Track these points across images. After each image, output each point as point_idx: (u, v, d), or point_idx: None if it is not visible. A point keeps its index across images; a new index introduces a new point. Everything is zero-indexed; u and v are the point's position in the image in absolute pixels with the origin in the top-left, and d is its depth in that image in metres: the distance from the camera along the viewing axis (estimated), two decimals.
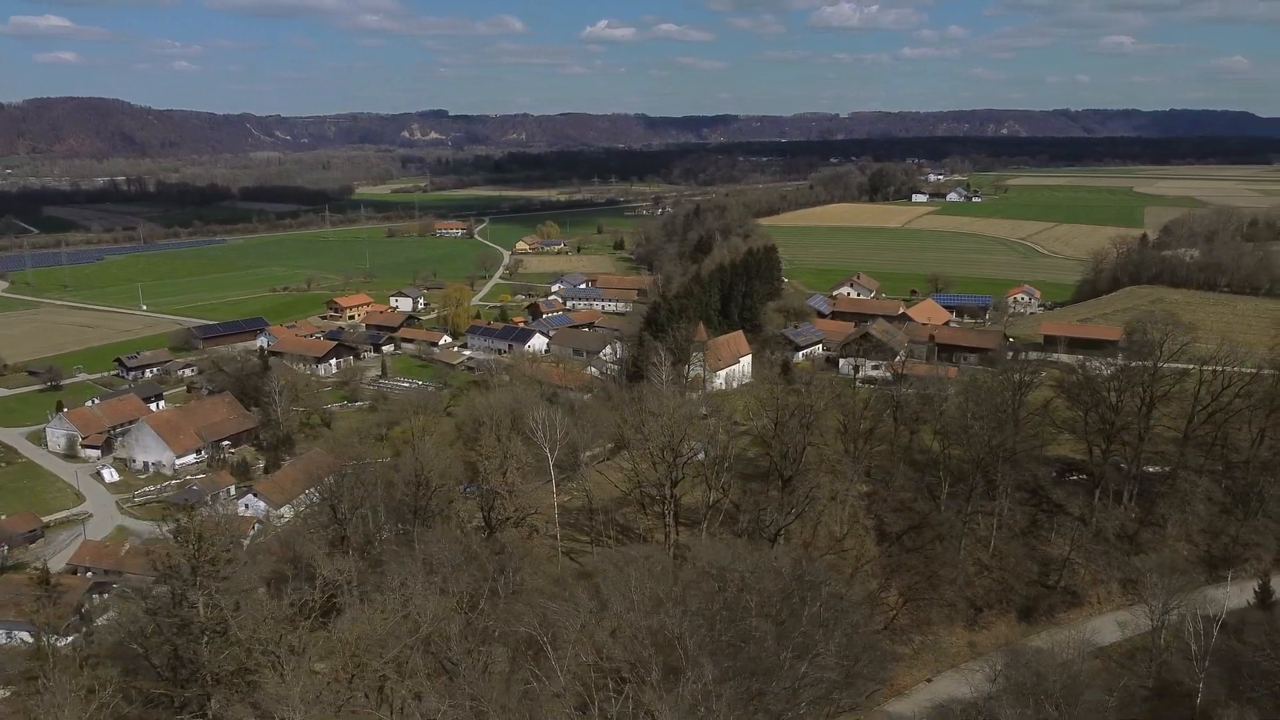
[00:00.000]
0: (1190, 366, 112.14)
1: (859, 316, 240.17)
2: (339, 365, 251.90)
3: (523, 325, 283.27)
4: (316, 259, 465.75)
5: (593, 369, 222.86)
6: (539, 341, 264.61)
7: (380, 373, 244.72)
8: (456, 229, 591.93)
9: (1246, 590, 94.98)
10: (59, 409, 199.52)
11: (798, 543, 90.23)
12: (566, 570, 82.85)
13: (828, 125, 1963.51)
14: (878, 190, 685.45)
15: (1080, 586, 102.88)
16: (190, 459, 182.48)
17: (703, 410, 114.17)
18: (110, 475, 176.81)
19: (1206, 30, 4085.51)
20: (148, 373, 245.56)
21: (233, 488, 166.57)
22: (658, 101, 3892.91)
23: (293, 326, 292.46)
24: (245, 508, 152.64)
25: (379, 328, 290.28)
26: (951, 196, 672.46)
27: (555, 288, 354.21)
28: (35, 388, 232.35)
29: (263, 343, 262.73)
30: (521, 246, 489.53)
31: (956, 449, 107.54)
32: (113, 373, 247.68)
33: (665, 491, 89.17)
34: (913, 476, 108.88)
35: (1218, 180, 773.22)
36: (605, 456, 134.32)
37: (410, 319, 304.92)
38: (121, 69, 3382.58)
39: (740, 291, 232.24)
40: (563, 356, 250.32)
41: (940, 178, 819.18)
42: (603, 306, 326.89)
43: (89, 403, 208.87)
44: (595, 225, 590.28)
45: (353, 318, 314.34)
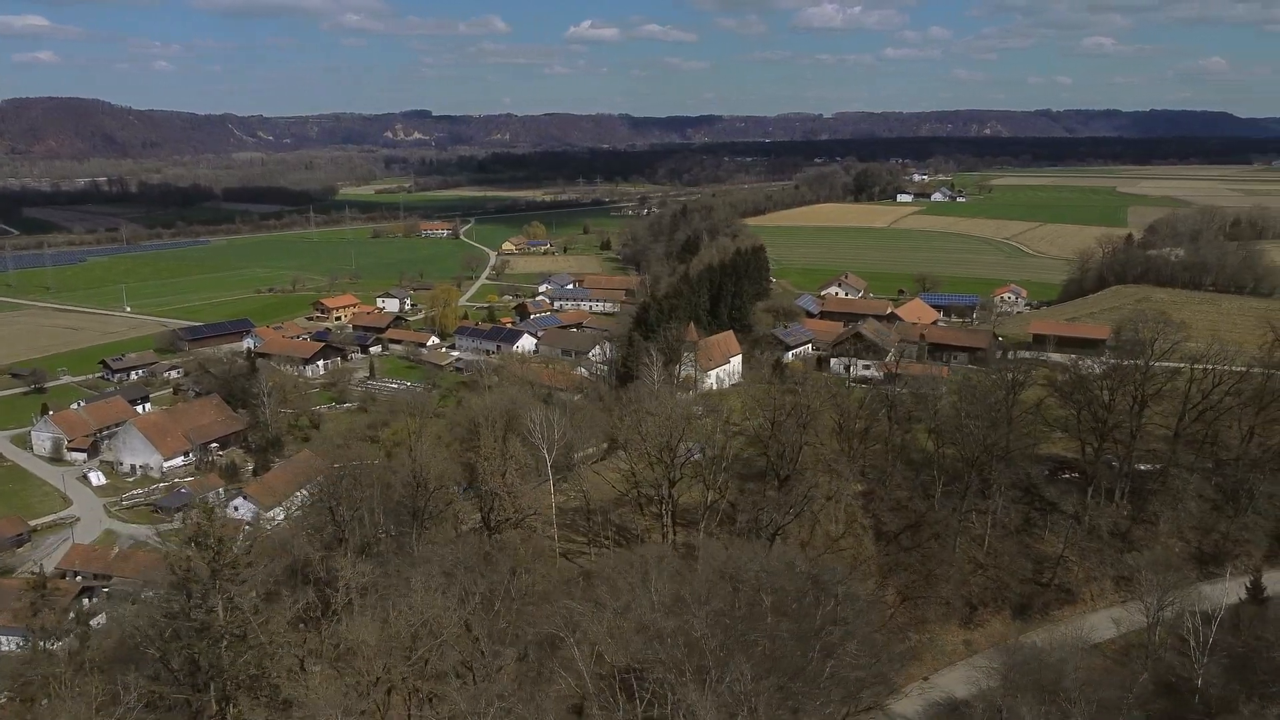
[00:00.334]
0: (1182, 365, 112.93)
1: (847, 316, 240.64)
2: (326, 367, 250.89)
3: (511, 326, 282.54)
4: (301, 260, 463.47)
5: (583, 370, 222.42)
6: (527, 342, 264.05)
7: (368, 374, 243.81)
8: (442, 230, 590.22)
9: (1238, 586, 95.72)
10: (44, 412, 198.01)
11: (794, 542, 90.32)
12: (576, 571, 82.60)
13: (812, 125, 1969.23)
14: (863, 190, 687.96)
15: (1074, 584, 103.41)
16: (178, 461, 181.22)
17: (697, 410, 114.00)
18: (97, 479, 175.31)
19: (1186, 31, 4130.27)
20: (133, 375, 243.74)
21: (222, 490, 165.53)
22: (642, 102, 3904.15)
23: (279, 328, 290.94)
24: (235, 510, 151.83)
25: (366, 329, 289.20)
26: (936, 196, 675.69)
27: (542, 288, 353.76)
28: (19, 390, 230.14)
29: (249, 344, 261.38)
30: (508, 247, 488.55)
31: (951, 448, 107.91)
32: (97, 375, 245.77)
33: (663, 492, 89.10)
34: (908, 475, 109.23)
35: (1199, 180, 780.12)
36: (598, 457, 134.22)
37: (397, 320, 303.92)
38: (101, 69, 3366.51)
39: (730, 292, 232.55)
40: (552, 357, 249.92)
41: (924, 178, 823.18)
42: (590, 307, 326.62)
43: (74, 405, 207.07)
44: (581, 225, 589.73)
45: (339, 319, 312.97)
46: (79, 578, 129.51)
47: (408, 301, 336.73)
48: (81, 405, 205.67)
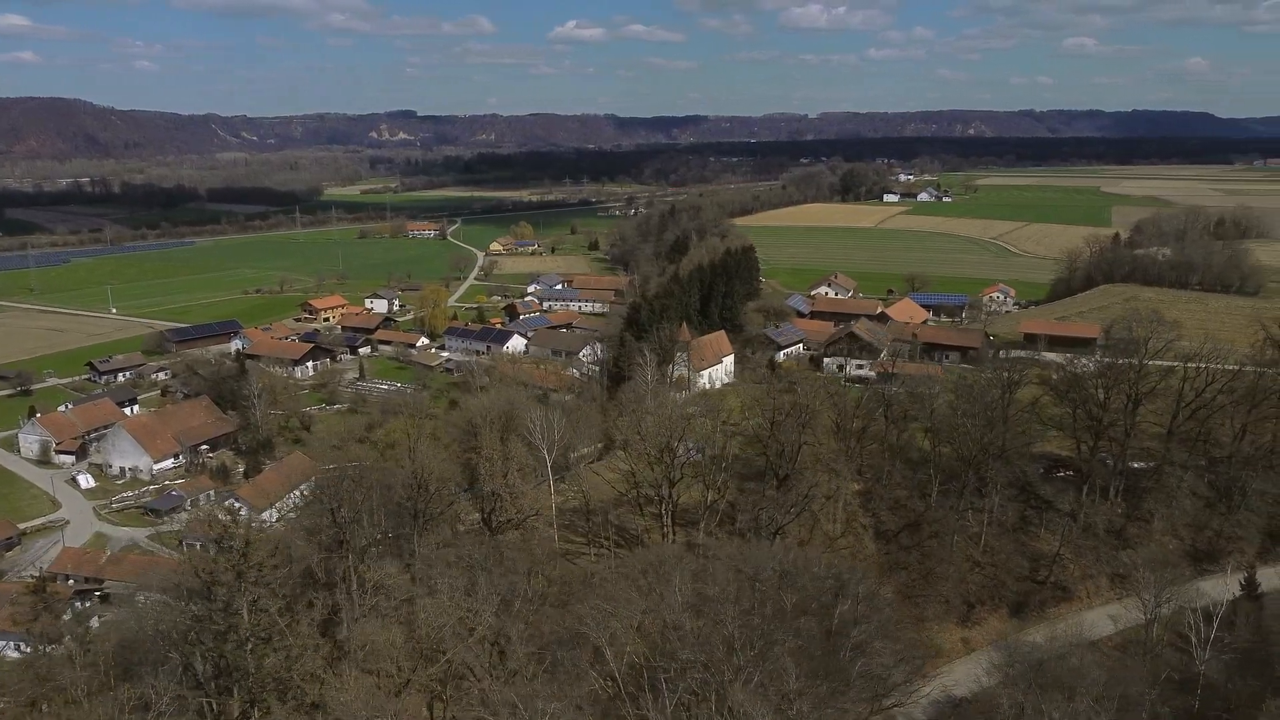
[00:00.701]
0: (1175, 364, 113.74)
1: (838, 316, 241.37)
2: (316, 368, 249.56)
3: (501, 326, 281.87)
4: (288, 261, 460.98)
5: (574, 370, 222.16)
6: (518, 343, 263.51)
7: (358, 375, 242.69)
8: (429, 230, 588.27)
9: (1234, 582, 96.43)
10: (31, 414, 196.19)
11: (793, 541, 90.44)
12: (580, 571, 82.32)
13: (797, 126, 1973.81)
14: (849, 190, 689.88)
15: (1070, 581, 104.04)
16: (168, 464, 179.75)
17: (694, 410, 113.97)
18: (86, 481, 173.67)
19: (1166, 33, 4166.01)
20: (120, 376, 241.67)
21: (213, 492, 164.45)
22: (627, 102, 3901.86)
23: (267, 329, 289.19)
24: (224, 512, 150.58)
25: (355, 330, 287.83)
26: (923, 196, 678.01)
27: (531, 288, 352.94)
28: (5, 393, 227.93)
29: (238, 345, 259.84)
30: (495, 247, 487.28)
31: (947, 447, 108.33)
32: (84, 377, 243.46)
33: (663, 492, 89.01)
34: (906, 475, 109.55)
35: (1181, 180, 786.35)
36: (594, 458, 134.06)
37: (386, 321, 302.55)
38: (83, 69, 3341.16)
39: (720, 292, 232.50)
40: (542, 358, 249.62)
41: (910, 178, 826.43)
42: (580, 307, 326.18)
43: (62, 407, 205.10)
44: (569, 226, 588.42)
45: (328, 320, 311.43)
46: (71, 581, 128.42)
47: (396, 302, 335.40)
48: (69, 407, 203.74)
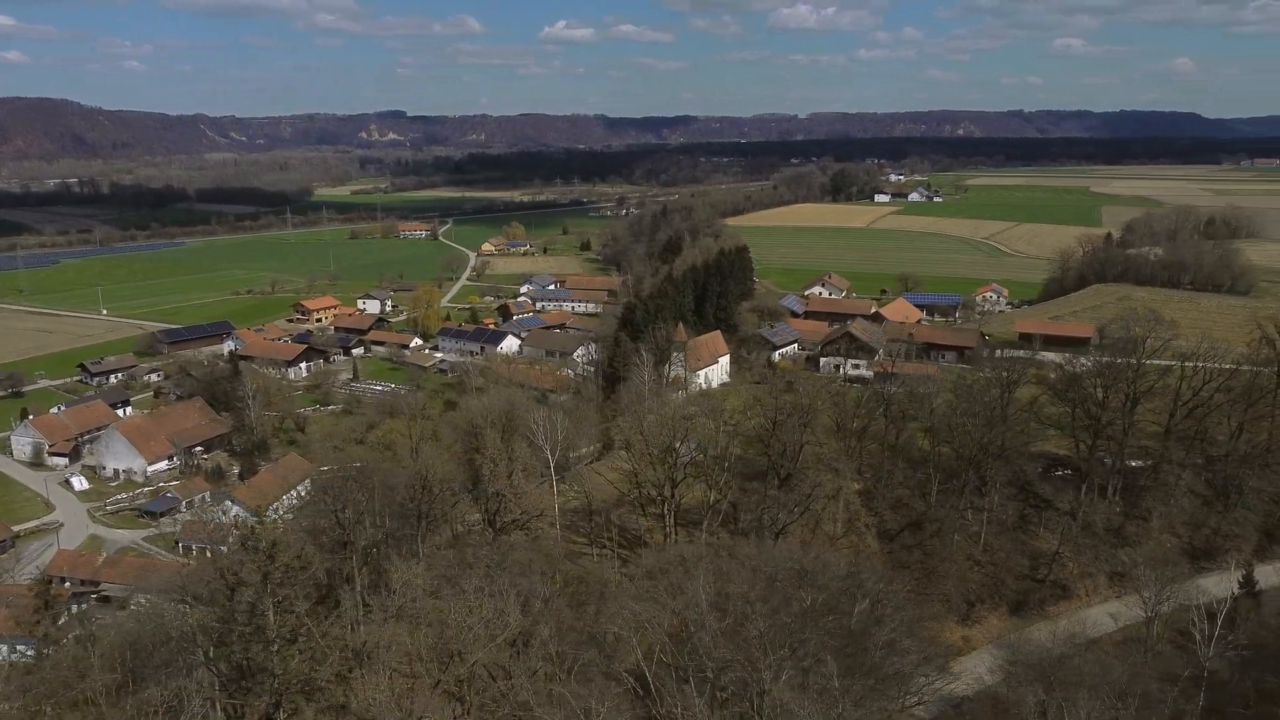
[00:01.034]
0: (1171, 363, 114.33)
1: (832, 316, 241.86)
2: (309, 369, 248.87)
3: (494, 327, 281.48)
4: (279, 261, 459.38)
5: (570, 370, 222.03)
6: (511, 343, 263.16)
7: (352, 376, 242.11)
8: (420, 230, 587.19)
9: (1231, 580, 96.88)
10: (23, 416, 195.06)
11: (795, 541, 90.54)
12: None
13: (787, 126, 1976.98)
14: (840, 190, 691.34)
15: (1069, 580, 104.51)
16: (162, 466, 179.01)
17: (693, 409, 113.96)
18: (80, 483, 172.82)
19: (1154, 33, 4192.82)
20: (112, 378, 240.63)
21: (208, 494, 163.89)
22: (617, 102, 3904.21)
23: (260, 330, 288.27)
24: (222, 514, 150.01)
25: (348, 330, 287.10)
26: (913, 196, 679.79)
27: (524, 289, 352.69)
28: None
29: (231, 346, 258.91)
30: (487, 248, 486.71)
31: (946, 447, 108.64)
32: (76, 378, 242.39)
33: (666, 492, 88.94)
34: (906, 474, 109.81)
35: (1170, 180, 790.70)
36: (592, 458, 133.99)
37: (379, 321, 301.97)
38: (71, 69, 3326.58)
39: (715, 292, 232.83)
40: (537, 358, 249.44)
41: (901, 178, 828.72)
42: (573, 307, 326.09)
43: (54, 409, 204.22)
44: (560, 226, 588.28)
45: (320, 320, 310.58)
46: (67, 584, 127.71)
47: (389, 303, 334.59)
48: (62, 409, 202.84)
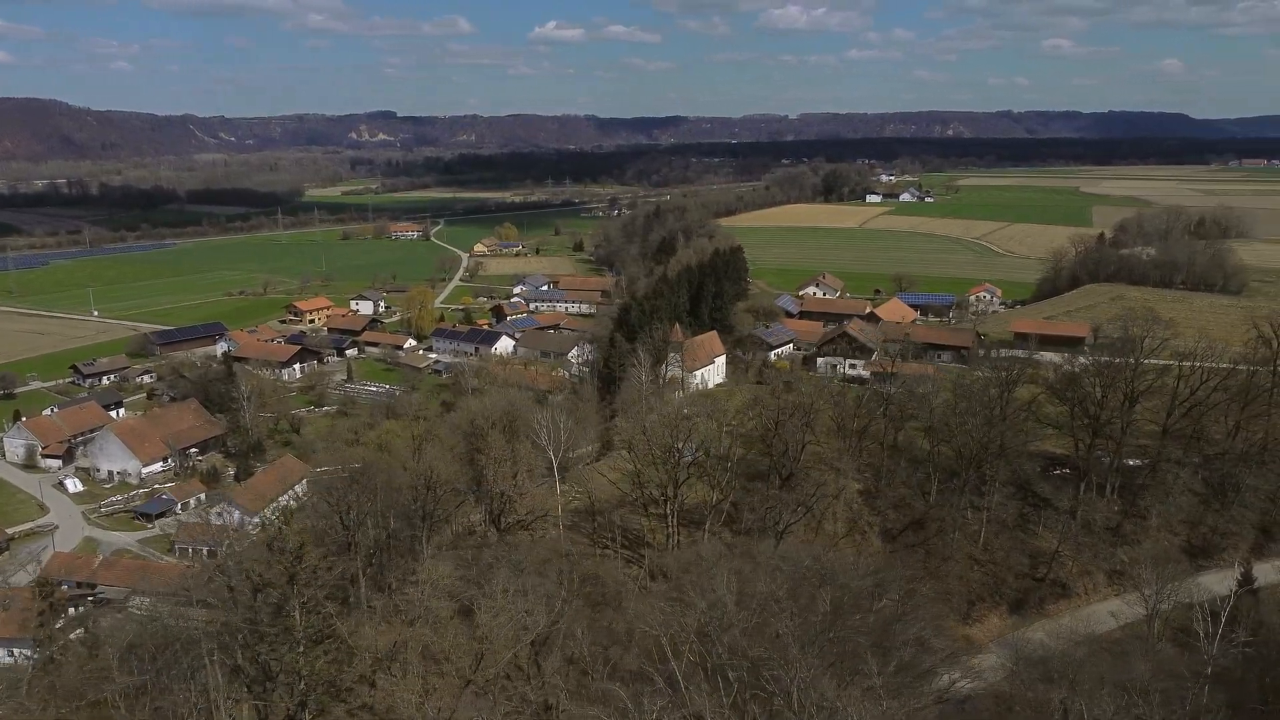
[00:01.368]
0: (1169, 363, 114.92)
1: (827, 316, 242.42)
2: (303, 370, 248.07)
3: (489, 328, 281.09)
4: (271, 262, 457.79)
5: (566, 371, 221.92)
6: (506, 344, 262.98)
7: (346, 377, 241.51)
8: (412, 231, 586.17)
9: (1230, 578, 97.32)
10: (16, 418, 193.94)
11: (798, 541, 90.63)
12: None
13: (777, 126, 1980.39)
14: (832, 191, 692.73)
15: (1068, 578, 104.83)
16: (157, 467, 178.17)
17: (694, 410, 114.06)
18: (74, 485, 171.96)
19: (1141, 34, 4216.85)
20: (105, 380, 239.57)
21: (204, 495, 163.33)
22: (607, 103, 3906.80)
23: (253, 331, 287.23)
24: (219, 516, 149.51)
25: (342, 331, 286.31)
26: (905, 197, 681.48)
27: (517, 290, 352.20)
28: None
29: (224, 348, 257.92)
30: (480, 249, 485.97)
31: (946, 446, 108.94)
32: (68, 380, 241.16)
33: (669, 492, 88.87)
34: (908, 473, 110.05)
35: (1159, 180, 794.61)
36: (591, 458, 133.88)
37: (373, 322, 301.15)
38: (58, 69, 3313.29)
39: (710, 292, 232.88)
40: (531, 359, 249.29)
41: (892, 179, 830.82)
42: (566, 308, 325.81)
43: (47, 411, 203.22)
44: (552, 227, 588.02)
45: (313, 321, 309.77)
46: (64, 586, 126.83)
47: (381, 304, 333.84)
48: (55, 411, 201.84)
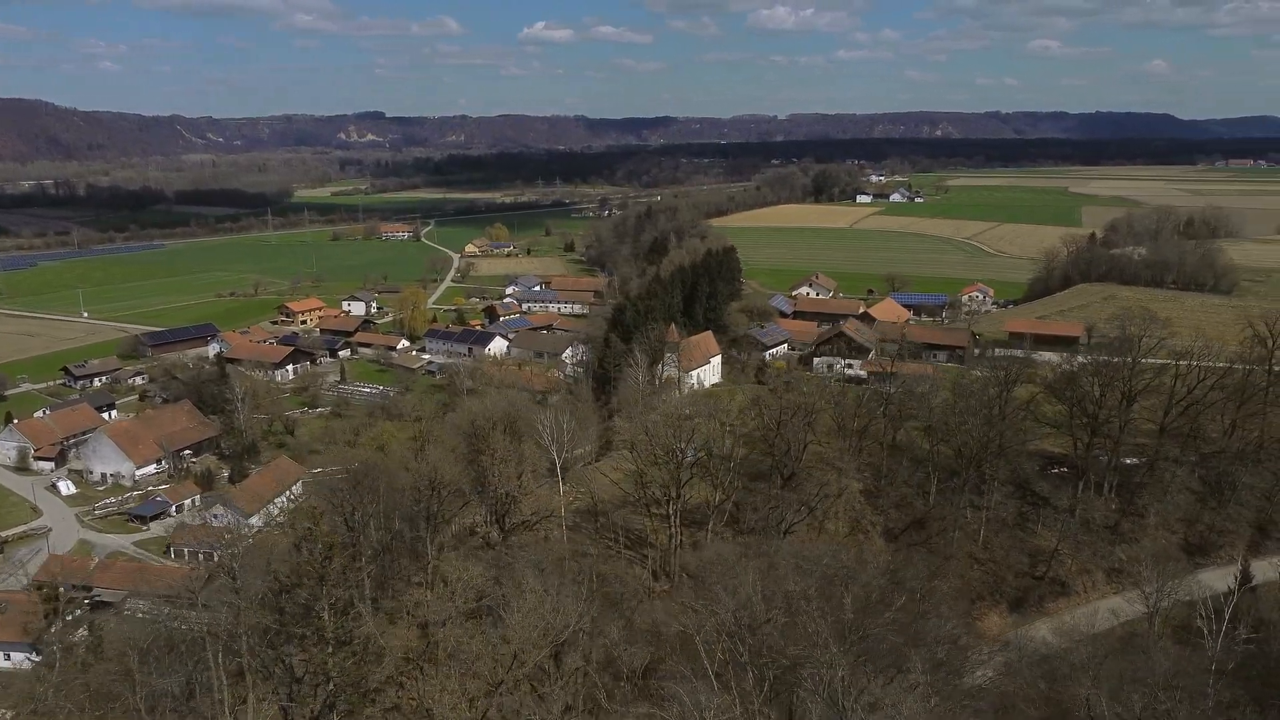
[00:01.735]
0: (1166, 362, 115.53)
1: (821, 316, 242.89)
2: (296, 371, 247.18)
3: (481, 328, 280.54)
4: (261, 263, 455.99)
5: (561, 372, 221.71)
6: (500, 344, 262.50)
7: (339, 378, 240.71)
8: (402, 232, 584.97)
9: (1228, 575, 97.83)
10: (8, 420, 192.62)
11: (798, 541, 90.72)
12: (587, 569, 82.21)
13: (767, 127, 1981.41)
14: (822, 191, 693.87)
15: (1067, 577, 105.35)
16: (150, 469, 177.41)
17: (695, 410, 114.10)
18: (67, 488, 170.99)
19: (1129, 35, 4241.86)
20: (96, 381, 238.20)
21: (199, 497, 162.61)
22: (597, 103, 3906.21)
23: (245, 332, 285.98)
24: (215, 518, 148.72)
25: (334, 332, 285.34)
26: (895, 197, 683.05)
27: (510, 290, 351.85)
28: None
29: (217, 349, 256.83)
30: (471, 249, 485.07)
31: (945, 445, 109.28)
32: (59, 382, 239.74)
33: (671, 492, 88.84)
34: (910, 472, 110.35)
35: (1147, 180, 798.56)
36: (589, 459, 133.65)
37: (365, 323, 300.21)
38: (45, 69, 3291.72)
39: (704, 292, 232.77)
40: (525, 359, 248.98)
41: (882, 179, 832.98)
42: (559, 309, 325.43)
43: (39, 413, 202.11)
44: (543, 227, 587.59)
45: (305, 323, 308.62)
46: (61, 590, 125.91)
47: (374, 304, 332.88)
48: (46, 413, 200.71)
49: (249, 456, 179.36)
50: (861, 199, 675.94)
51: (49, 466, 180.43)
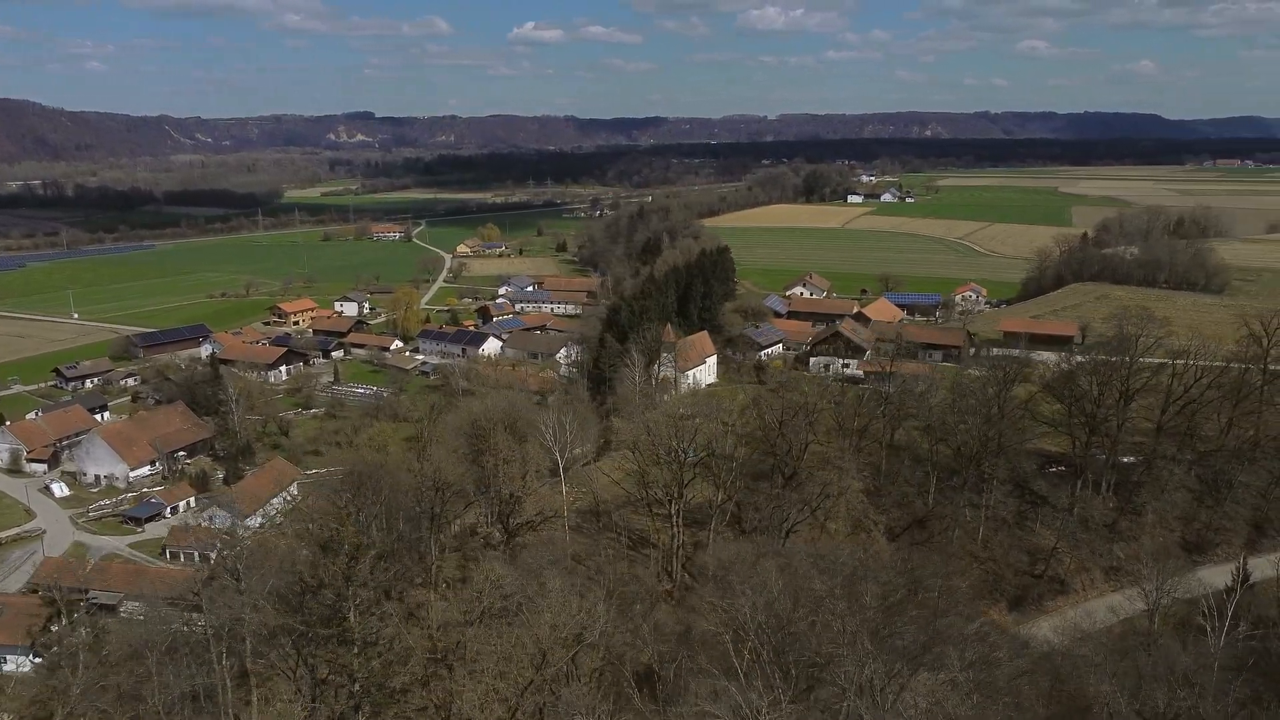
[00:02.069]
0: (1165, 361, 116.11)
1: (815, 316, 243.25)
2: (289, 372, 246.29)
3: (475, 329, 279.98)
4: (252, 264, 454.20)
5: (559, 372, 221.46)
6: (493, 345, 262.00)
7: (333, 379, 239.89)
8: (394, 232, 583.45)
9: (1225, 572, 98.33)
10: (0, 422, 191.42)
11: (800, 540, 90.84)
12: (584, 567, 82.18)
13: (757, 127, 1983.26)
14: (813, 191, 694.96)
15: (1066, 575, 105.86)
16: (145, 471, 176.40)
17: (696, 410, 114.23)
18: (60, 490, 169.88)
19: (1116, 36, 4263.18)
20: (88, 383, 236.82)
21: (194, 499, 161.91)
22: (587, 103, 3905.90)
23: (238, 333, 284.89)
24: (210, 519, 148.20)
25: (327, 333, 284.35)
26: (886, 197, 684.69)
27: (503, 290, 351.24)
28: None
29: (210, 350, 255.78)
30: (463, 249, 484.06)
31: (945, 445, 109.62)
32: (50, 383, 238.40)
33: (674, 492, 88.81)
34: (911, 471, 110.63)
35: (1135, 180, 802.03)
36: (587, 459, 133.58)
37: (358, 324, 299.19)
38: (32, 69, 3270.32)
39: (699, 292, 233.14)
40: (519, 359, 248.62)
41: (872, 179, 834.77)
42: (552, 309, 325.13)
43: (31, 415, 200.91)
44: (535, 228, 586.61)
45: (297, 323, 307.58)
46: (48, 593, 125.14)
47: (366, 305, 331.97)
48: (39, 415, 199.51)
49: (244, 458, 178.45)
50: (853, 199, 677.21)
51: (42, 468, 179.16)
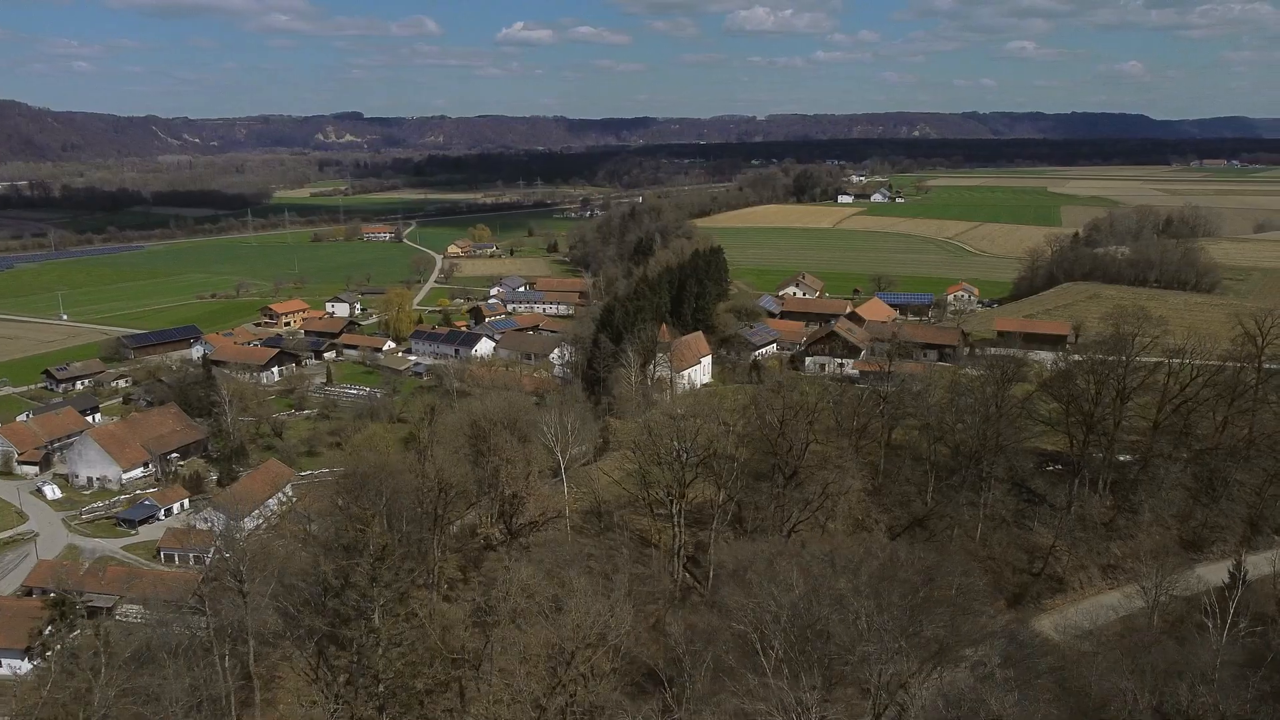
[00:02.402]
0: (1160, 359, 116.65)
1: (809, 316, 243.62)
2: (282, 373, 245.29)
3: (467, 330, 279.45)
4: (242, 265, 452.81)
5: (554, 372, 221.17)
6: (486, 345, 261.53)
7: (325, 380, 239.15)
8: (384, 233, 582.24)
9: (1221, 569, 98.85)
10: None
11: (800, 540, 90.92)
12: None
13: (746, 127, 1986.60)
14: (804, 191, 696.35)
15: (1064, 573, 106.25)
16: (137, 473, 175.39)
17: (695, 410, 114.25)
18: (52, 492, 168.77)
19: (1103, 37, 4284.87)
20: (79, 384, 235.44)
21: (188, 501, 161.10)
22: (576, 104, 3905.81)
23: (229, 334, 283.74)
24: (204, 521, 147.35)
25: (319, 334, 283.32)
26: (876, 197, 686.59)
27: (494, 291, 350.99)
28: None
29: (201, 351, 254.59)
30: (454, 250, 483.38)
31: (943, 444, 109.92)
32: (40, 385, 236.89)
33: (676, 492, 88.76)
34: (909, 471, 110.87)
35: (1123, 180, 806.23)
36: (585, 459, 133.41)
37: (350, 325, 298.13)
38: (16, 69, 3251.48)
39: (692, 293, 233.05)
40: (512, 360, 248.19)
41: (862, 179, 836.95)
42: (544, 309, 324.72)
43: (22, 417, 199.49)
44: (526, 228, 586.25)
45: (289, 324, 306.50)
46: (51, 595, 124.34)
47: (358, 306, 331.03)
48: (29, 417, 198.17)
49: (237, 459, 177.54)
50: (843, 199, 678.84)
51: (33, 471, 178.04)
